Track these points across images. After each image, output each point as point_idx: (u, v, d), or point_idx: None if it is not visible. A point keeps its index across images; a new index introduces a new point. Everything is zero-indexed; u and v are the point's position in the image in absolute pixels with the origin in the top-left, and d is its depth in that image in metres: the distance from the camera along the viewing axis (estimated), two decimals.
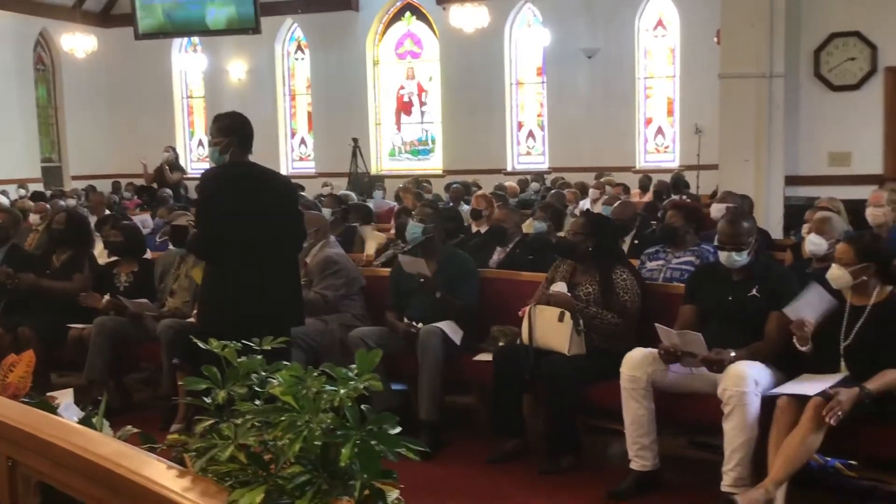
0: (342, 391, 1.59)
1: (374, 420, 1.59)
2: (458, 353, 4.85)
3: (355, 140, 15.67)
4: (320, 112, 17.31)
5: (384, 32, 17.11)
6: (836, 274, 3.84)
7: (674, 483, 4.07)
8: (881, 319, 3.73)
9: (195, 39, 17.76)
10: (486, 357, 4.78)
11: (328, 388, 1.63)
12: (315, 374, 1.67)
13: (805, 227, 5.43)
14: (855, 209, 6.14)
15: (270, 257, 4.14)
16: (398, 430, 1.65)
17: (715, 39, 9.41)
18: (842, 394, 3.47)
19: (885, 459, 3.76)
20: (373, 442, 1.56)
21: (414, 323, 4.91)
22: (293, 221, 4.34)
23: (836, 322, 3.82)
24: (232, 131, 4.14)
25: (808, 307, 3.82)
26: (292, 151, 18.12)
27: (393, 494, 1.85)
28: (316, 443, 1.56)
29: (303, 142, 18.11)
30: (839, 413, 3.42)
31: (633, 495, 3.94)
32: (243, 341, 1.87)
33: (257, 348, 1.87)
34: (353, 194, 10.37)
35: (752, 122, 8.39)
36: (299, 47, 17.81)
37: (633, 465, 4.03)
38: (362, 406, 1.66)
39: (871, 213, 5.83)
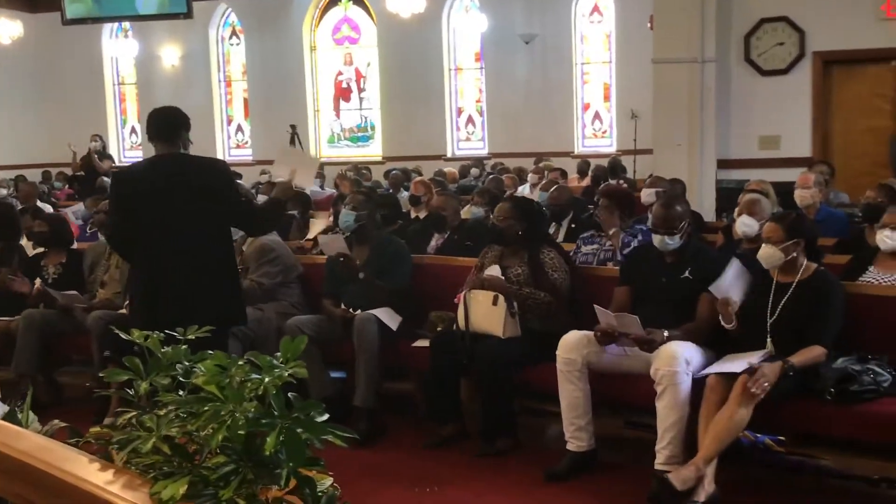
0: (267, 379, 1.57)
1: (300, 407, 1.57)
2: (396, 340, 4.85)
3: (293, 127, 15.48)
4: (257, 99, 17.07)
5: (321, 17, 16.91)
6: (768, 252, 3.93)
7: (609, 463, 4.13)
8: (805, 296, 3.83)
9: (126, 25, 17.32)
10: (423, 343, 4.78)
11: (253, 376, 1.61)
12: (240, 362, 1.65)
13: (737, 210, 5.55)
14: (784, 191, 6.28)
15: (192, 252, 3.90)
16: (325, 417, 1.63)
17: (648, 25, 9.50)
18: (766, 367, 3.56)
19: (811, 434, 3.86)
20: (299, 430, 1.54)
21: (350, 310, 4.88)
22: (226, 212, 4.02)
23: (762, 299, 3.91)
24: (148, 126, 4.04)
25: (731, 284, 3.91)
26: (229, 139, 17.83)
27: (326, 482, 1.84)
28: (240, 432, 1.53)
29: (239, 129, 17.83)
30: (765, 384, 3.51)
31: (568, 476, 3.99)
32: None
33: (182, 338, 1.83)
34: None
35: (684, 106, 8.52)
36: (234, 32, 17.50)
37: (570, 446, 4.08)
38: (289, 394, 1.64)
39: (799, 195, 5.99)
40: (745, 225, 4.99)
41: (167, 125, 4.00)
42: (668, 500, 3.54)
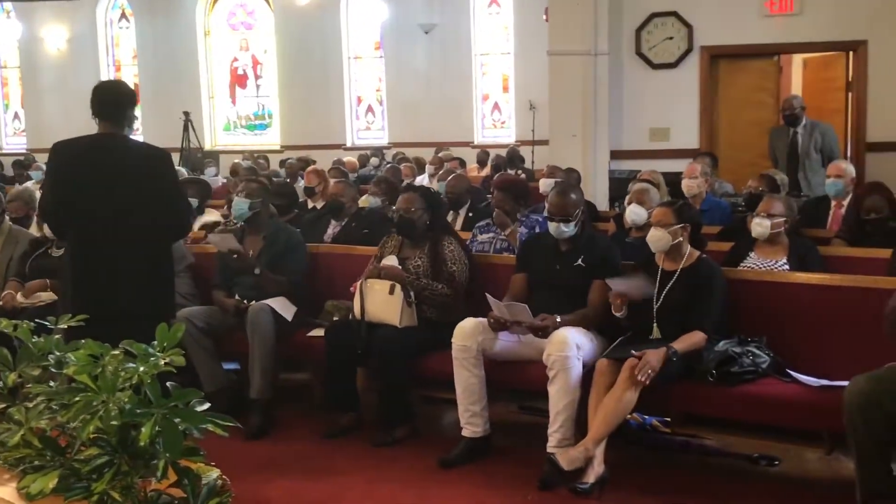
0: (141, 368, 1.52)
1: (178, 396, 1.53)
2: (292, 330, 4.79)
3: (187, 114, 15.07)
4: (148, 84, 16.52)
5: (215, 2, 16.51)
6: (657, 235, 4.05)
7: (504, 447, 4.18)
8: (689, 282, 3.97)
9: (7, 5, 16.55)
10: (319, 332, 4.74)
11: (128, 365, 1.56)
12: (114, 352, 1.59)
13: (627, 199, 5.70)
14: (674, 181, 6.49)
15: (129, 241, 3.77)
16: (206, 406, 1.59)
17: (544, 17, 9.64)
18: (650, 354, 3.67)
19: (695, 415, 4.01)
20: (176, 419, 1.50)
21: (244, 300, 4.79)
22: (164, 207, 3.86)
23: (650, 282, 4.02)
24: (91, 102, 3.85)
25: (630, 287, 4.00)
26: None
27: (212, 474, 1.80)
28: (114, 423, 1.49)
29: None
30: (649, 371, 3.62)
31: (464, 461, 4.02)
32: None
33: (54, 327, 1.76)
34: (184, 170, 9.98)
35: (579, 98, 8.68)
36: (123, 15, 16.92)
37: (465, 433, 4.12)
38: (168, 383, 1.60)
39: (686, 185, 6.19)
40: (634, 213, 5.13)
41: (113, 102, 3.84)
42: (557, 481, 3.62)
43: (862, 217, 4.95)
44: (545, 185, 6.62)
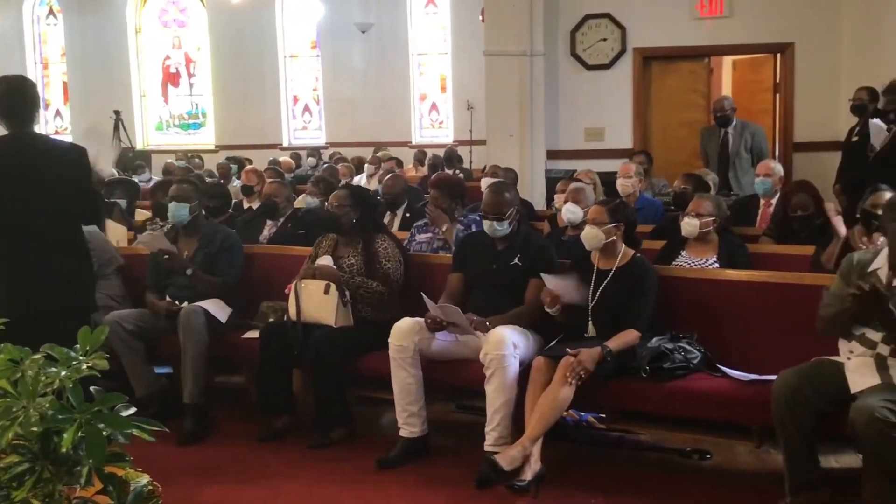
0: (63, 373, 1.48)
1: (101, 401, 1.49)
2: (226, 332, 4.71)
3: (117, 112, 14.75)
4: (77, 82, 16.13)
5: None
6: (591, 233, 4.09)
7: (441, 447, 4.18)
8: (623, 281, 4.02)
9: None
10: (255, 334, 4.67)
11: (49, 370, 1.51)
12: (35, 356, 1.54)
13: (558, 198, 5.76)
14: (609, 181, 6.57)
15: (47, 239, 3.77)
16: (132, 410, 1.55)
17: (480, 18, 9.68)
18: (584, 353, 3.71)
19: (629, 411, 4.06)
20: (100, 425, 1.46)
21: (176, 302, 4.70)
22: (79, 202, 3.89)
23: (586, 287, 4.07)
24: None
25: (564, 285, 4.03)
26: (46, 124, 16.76)
27: (142, 480, 1.75)
28: (34, 429, 1.44)
29: (58, 114, 16.82)
30: (581, 373, 3.66)
31: (402, 462, 4.01)
32: None
33: None
34: (114, 170, 9.75)
35: (515, 98, 8.75)
36: (51, 12, 16.47)
37: (402, 433, 4.10)
38: (91, 388, 1.55)
39: (620, 184, 6.28)
40: (569, 212, 5.18)
41: (21, 101, 3.76)
42: (495, 480, 3.63)
43: (789, 215, 5.08)
44: (486, 183, 6.64)
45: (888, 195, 4.29)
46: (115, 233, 6.15)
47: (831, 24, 8.64)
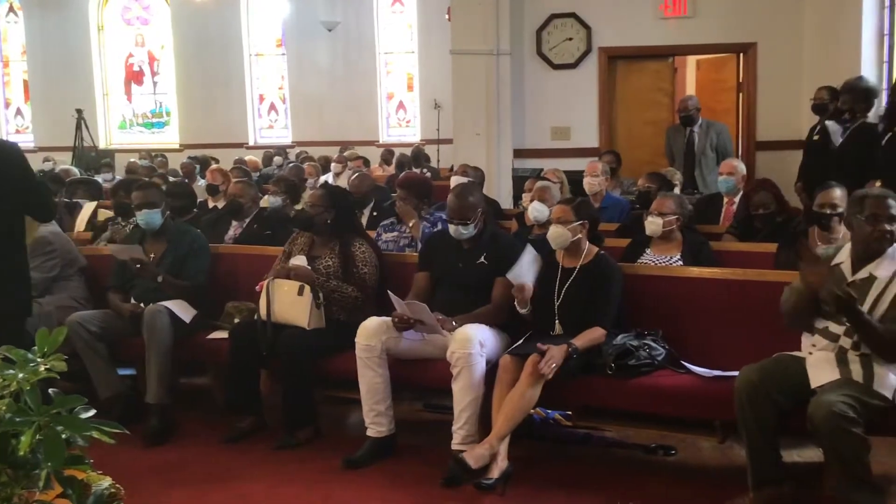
0: (20, 375, 1.45)
1: (59, 403, 1.47)
2: (191, 333, 4.67)
3: (79, 111, 14.55)
4: (38, 81, 15.91)
5: None
6: (557, 232, 4.11)
7: (409, 446, 4.17)
8: (587, 278, 4.04)
9: None
10: (220, 335, 4.64)
11: (6, 372, 1.49)
12: None
13: (525, 197, 5.77)
14: (575, 179, 6.61)
15: None
16: (91, 412, 1.53)
17: (447, 16, 9.68)
18: (552, 350, 3.73)
19: (595, 408, 4.08)
20: (59, 427, 1.44)
21: (141, 304, 4.65)
22: (22, 200, 3.86)
23: (549, 284, 4.09)
24: None
25: (526, 270, 4.06)
26: (7, 123, 16.51)
27: (104, 483, 1.73)
28: None
29: (19, 112, 16.57)
30: (554, 365, 3.67)
31: (369, 461, 4.00)
32: None
33: None
34: (74, 169, 9.63)
35: (482, 97, 8.76)
36: (11, 9, 16.23)
37: (370, 432, 4.09)
38: (50, 390, 1.53)
39: (587, 183, 6.31)
40: (536, 210, 5.20)
41: None
42: (463, 478, 3.64)
43: (751, 213, 5.14)
44: (457, 181, 6.63)
45: (838, 192, 4.39)
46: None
47: (793, 24, 8.76)
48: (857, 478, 3.09)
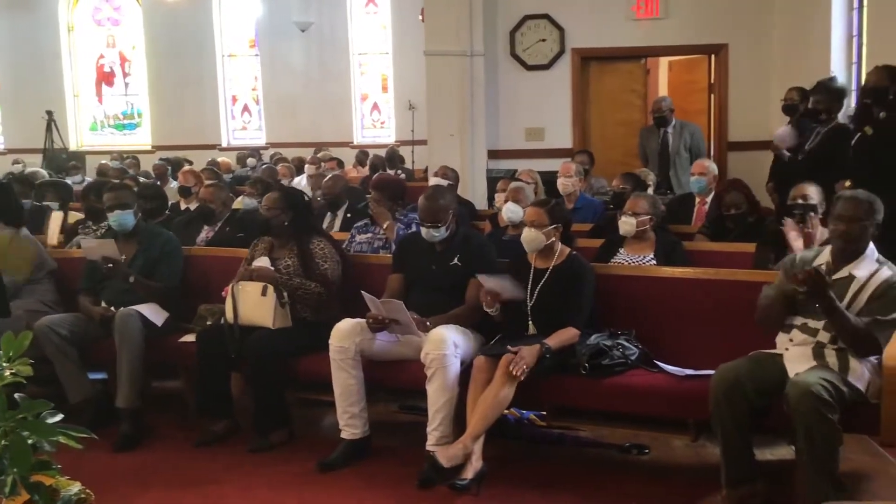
0: None
1: (25, 408, 1.45)
2: (163, 336, 4.63)
3: (50, 113, 14.39)
4: (7, 82, 15.70)
5: None
6: (531, 236, 4.12)
7: (383, 447, 4.16)
8: (560, 279, 4.06)
9: None
10: (192, 338, 4.60)
11: None
12: None
13: (499, 197, 5.78)
14: (550, 180, 6.62)
15: None
16: (59, 417, 1.52)
17: (420, 17, 9.68)
18: (524, 350, 3.73)
19: (569, 408, 4.09)
20: (25, 433, 1.42)
21: (112, 307, 4.60)
22: None
23: (522, 285, 4.09)
24: None
25: (501, 284, 4.04)
26: None
27: (73, 488, 1.72)
28: None
29: None
30: (524, 367, 3.68)
31: (343, 464, 3.98)
32: None
33: None
34: (43, 171, 9.51)
35: (456, 98, 8.77)
36: None
37: (344, 434, 4.08)
38: (16, 394, 1.51)
39: (561, 184, 6.33)
40: (510, 211, 5.21)
41: None
42: (436, 478, 3.63)
43: (723, 213, 5.18)
44: (435, 182, 6.63)
45: (811, 187, 4.46)
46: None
47: (763, 25, 8.85)
48: (826, 471, 3.12)
